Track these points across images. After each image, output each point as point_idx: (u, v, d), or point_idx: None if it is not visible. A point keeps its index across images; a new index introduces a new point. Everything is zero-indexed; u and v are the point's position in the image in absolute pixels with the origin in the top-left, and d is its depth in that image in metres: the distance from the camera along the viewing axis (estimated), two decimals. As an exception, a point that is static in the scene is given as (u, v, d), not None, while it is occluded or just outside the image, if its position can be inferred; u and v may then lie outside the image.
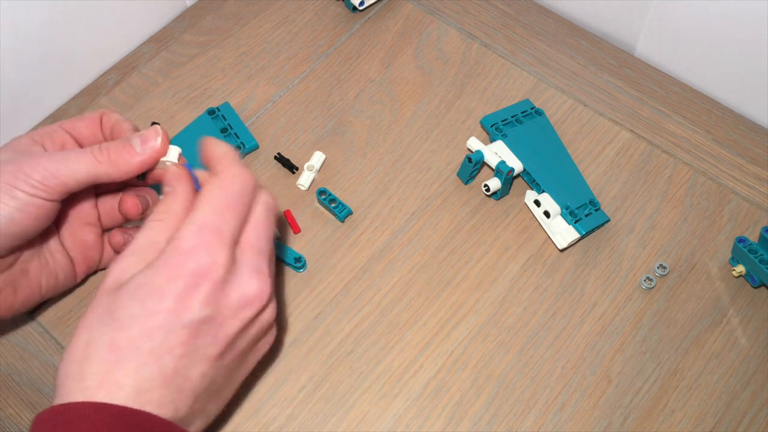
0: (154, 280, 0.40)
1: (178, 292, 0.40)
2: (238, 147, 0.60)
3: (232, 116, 0.62)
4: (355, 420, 0.52)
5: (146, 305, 0.39)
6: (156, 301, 0.39)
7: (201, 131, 0.61)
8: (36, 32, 0.60)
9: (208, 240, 0.41)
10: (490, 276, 0.57)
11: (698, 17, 0.62)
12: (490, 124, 0.61)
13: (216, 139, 0.46)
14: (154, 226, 0.43)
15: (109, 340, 0.39)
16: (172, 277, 0.40)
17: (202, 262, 0.40)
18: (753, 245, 0.54)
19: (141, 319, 0.39)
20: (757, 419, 0.51)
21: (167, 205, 0.44)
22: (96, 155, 0.45)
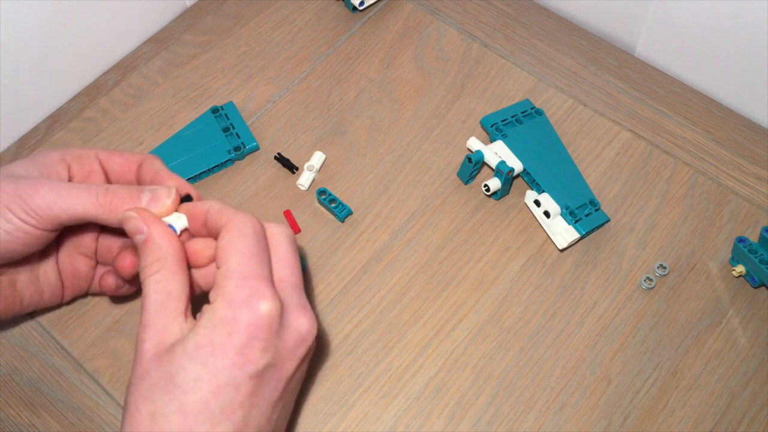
0: (213, 338, 0.39)
1: (239, 346, 0.39)
2: (239, 147, 0.61)
3: (236, 116, 0.62)
4: (355, 420, 0.52)
5: (209, 365, 0.39)
6: (219, 359, 0.39)
7: (203, 129, 0.62)
8: (36, 32, 0.60)
9: (256, 289, 0.40)
10: (490, 276, 0.57)
11: (698, 17, 0.62)
12: (490, 124, 0.61)
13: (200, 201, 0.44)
14: (157, 278, 0.41)
15: (177, 407, 0.38)
16: (230, 333, 0.39)
17: (257, 312, 0.39)
18: (753, 245, 0.54)
19: (206, 380, 0.38)
20: (757, 419, 0.51)
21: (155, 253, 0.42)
22: (99, 197, 0.44)
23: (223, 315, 0.39)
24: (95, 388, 0.53)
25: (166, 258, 0.42)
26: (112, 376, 0.53)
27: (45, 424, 0.52)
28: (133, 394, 0.39)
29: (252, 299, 0.40)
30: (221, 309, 0.40)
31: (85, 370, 0.54)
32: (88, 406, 0.52)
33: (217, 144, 0.61)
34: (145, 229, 0.42)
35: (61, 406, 0.52)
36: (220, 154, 0.60)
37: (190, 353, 0.39)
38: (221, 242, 0.41)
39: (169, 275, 0.41)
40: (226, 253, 0.41)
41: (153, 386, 0.39)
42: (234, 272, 0.40)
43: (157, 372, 0.39)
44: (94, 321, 0.55)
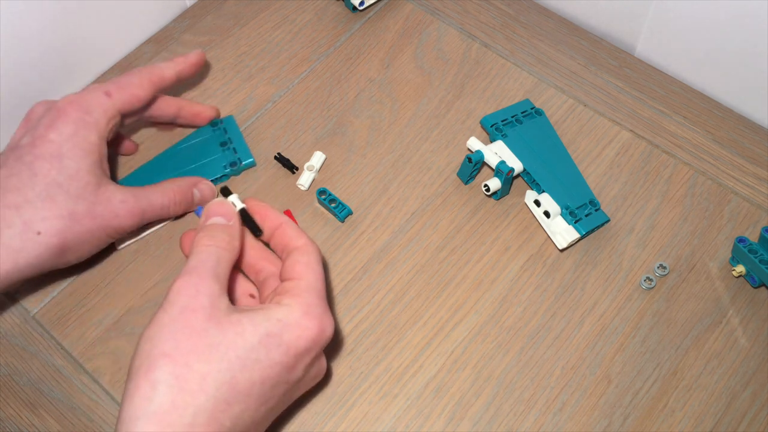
0: (284, 334, 0.41)
1: (299, 352, 0.41)
2: (235, 162, 0.60)
3: (234, 130, 0.62)
4: (355, 420, 0.52)
5: (272, 354, 0.40)
6: (281, 354, 0.41)
7: (201, 142, 0.62)
8: (36, 32, 0.60)
9: (328, 312, 0.43)
10: (490, 276, 0.57)
11: (698, 17, 0.62)
12: (490, 124, 0.61)
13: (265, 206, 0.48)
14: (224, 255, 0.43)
15: (231, 378, 0.39)
16: (299, 338, 0.41)
17: (325, 331, 0.43)
18: (753, 245, 0.54)
19: (263, 366, 0.40)
20: (757, 419, 0.51)
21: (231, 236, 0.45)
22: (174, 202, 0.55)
23: (299, 318, 0.42)
24: (95, 388, 0.53)
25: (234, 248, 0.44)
26: (113, 376, 0.53)
27: (45, 424, 0.52)
28: (182, 344, 0.39)
29: (324, 318, 0.43)
30: (299, 313, 0.42)
31: (85, 370, 0.54)
32: (88, 406, 0.52)
33: (214, 158, 0.60)
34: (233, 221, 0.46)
35: (61, 406, 0.52)
36: (216, 168, 0.60)
37: (260, 335, 0.40)
38: (301, 258, 0.44)
39: (229, 260, 0.44)
40: (307, 269, 0.44)
41: (211, 346, 0.39)
42: (314, 289, 0.43)
43: (218, 334, 0.39)
44: (94, 321, 0.55)
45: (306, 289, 0.43)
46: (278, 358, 0.40)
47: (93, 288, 0.56)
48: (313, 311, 0.42)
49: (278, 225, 0.47)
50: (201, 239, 0.44)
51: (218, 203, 0.46)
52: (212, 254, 0.42)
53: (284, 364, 0.41)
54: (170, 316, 0.40)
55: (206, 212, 0.46)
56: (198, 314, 0.39)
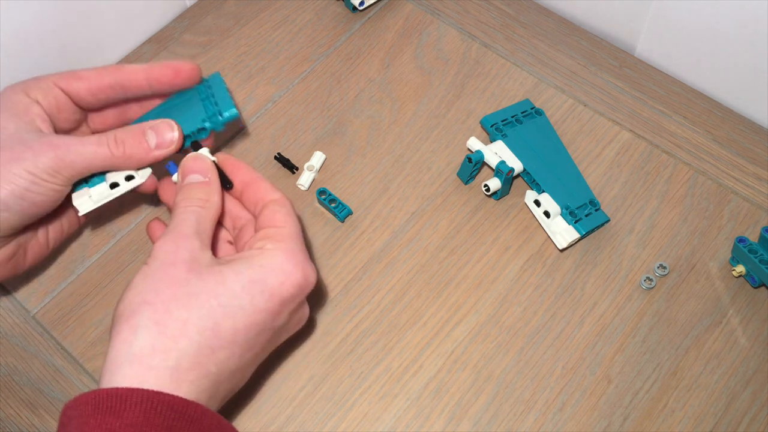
0: (268, 279, 0.41)
1: (284, 297, 0.41)
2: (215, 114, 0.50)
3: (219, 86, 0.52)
4: (355, 420, 0.52)
5: (255, 301, 0.40)
6: (265, 300, 0.41)
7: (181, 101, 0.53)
8: (36, 32, 0.60)
9: (307, 258, 0.43)
10: (490, 276, 0.57)
11: (698, 17, 0.62)
12: (490, 124, 0.61)
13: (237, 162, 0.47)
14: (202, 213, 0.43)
15: (213, 325, 0.39)
16: (283, 283, 0.41)
17: (308, 278, 0.43)
18: (753, 245, 0.54)
19: (247, 312, 0.40)
20: (757, 419, 0.51)
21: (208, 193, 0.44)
22: (112, 148, 0.46)
23: (282, 263, 0.42)
24: (95, 388, 0.53)
25: (213, 205, 0.44)
26: (112, 376, 0.53)
27: (45, 424, 0.52)
28: (163, 292, 0.39)
29: (307, 265, 0.43)
30: (282, 258, 0.42)
31: (85, 370, 0.54)
32: (88, 406, 0.52)
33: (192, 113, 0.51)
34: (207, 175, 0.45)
35: (61, 406, 0.52)
36: (194, 122, 0.50)
37: (242, 282, 0.40)
38: (280, 209, 0.44)
39: (210, 218, 0.44)
40: (287, 218, 0.44)
41: (192, 294, 0.39)
42: (296, 236, 0.43)
43: (200, 283, 0.40)
44: (94, 321, 0.55)
45: (288, 236, 0.43)
46: (263, 304, 0.41)
47: (93, 288, 0.56)
48: (296, 257, 0.42)
49: (251, 180, 0.46)
50: (180, 201, 0.44)
51: (192, 158, 0.46)
52: (191, 214, 0.43)
53: (269, 311, 0.41)
54: (152, 268, 0.41)
55: (181, 170, 0.46)
56: (178, 266, 0.40)
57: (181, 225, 0.42)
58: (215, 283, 0.40)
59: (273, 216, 0.44)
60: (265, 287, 0.41)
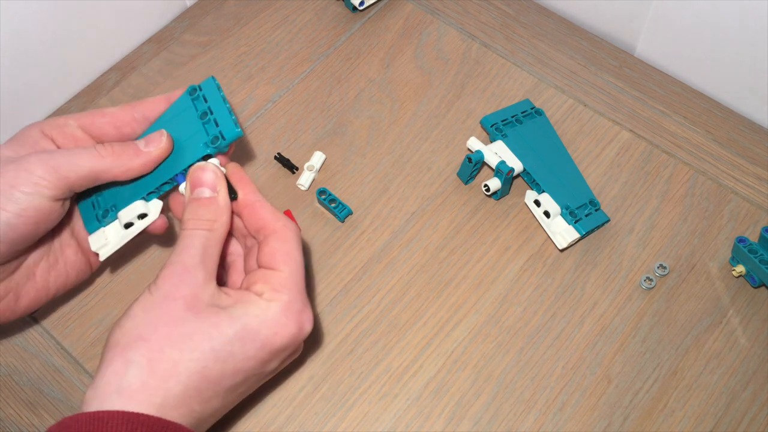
0: (261, 330, 0.41)
1: (275, 348, 0.42)
2: (217, 137, 0.46)
3: (215, 97, 0.48)
4: (355, 420, 0.52)
5: (246, 348, 0.40)
6: (256, 349, 0.41)
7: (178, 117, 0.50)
8: (36, 32, 0.60)
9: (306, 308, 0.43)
10: (490, 276, 0.57)
11: (698, 17, 0.62)
12: (490, 124, 0.61)
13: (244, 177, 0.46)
14: (209, 236, 0.43)
15: (202, 368, 0.39)
16: (276, 335, 0.41)
17: (302, 331, 0.43)
18: (753, 245, 0.54)
19: (236, 360, 0.40)
20: (757, 419, 0.51)
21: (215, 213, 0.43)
22: (99, 150, 0.44)
23: (277, 317, 0.41)
24: (95, 388, 0.53)
25: (221, 225, 0.43)
26: (112, 376, 0.53)
27: (45, 424, 0.52)
28: (159, 330, 0.39)
29: (303, 316, 0.42)
30: (276, 311, 0.42)
31: (85, 370, 0.54)
32: (88, 406, 0.52)
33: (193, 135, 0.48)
34: (216, 189, 0.44)
35: (61, 406, 0.52)
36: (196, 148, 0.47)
37: (236, 329, 0.40)
38: (280, 245, 0.43)
39: (217, 241, 0.43)
40: (287, 259, 0.43)
41: (186, 336, 0.39)
42: (293, 283, 0.43)
43: (195, 325, 0.40)
44: (94, 321, 0.55)
45: (285, 283, 0.42)
46: (253, 352, 0.41)
47: (93, 288, 0.56)
48: (292, 308, 0.42)
49: (252, 202, 0.45)
50: (186, 222, 0.43)
51: (200, 168, 0.45)
52: (197, 239, 0.42)
53: (259, 359, 0.41)
54: (153, 301, 0.40)
55: (189, 181, 0.45)
56: (178, 303, 0.40)
57: (187, 253, 0.42)
58: (211, 325, 0.40)
59: (273, 255, 0.43)
60: (257, 337, 0.41)
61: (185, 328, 0.40)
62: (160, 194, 0.48)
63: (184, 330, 0.40)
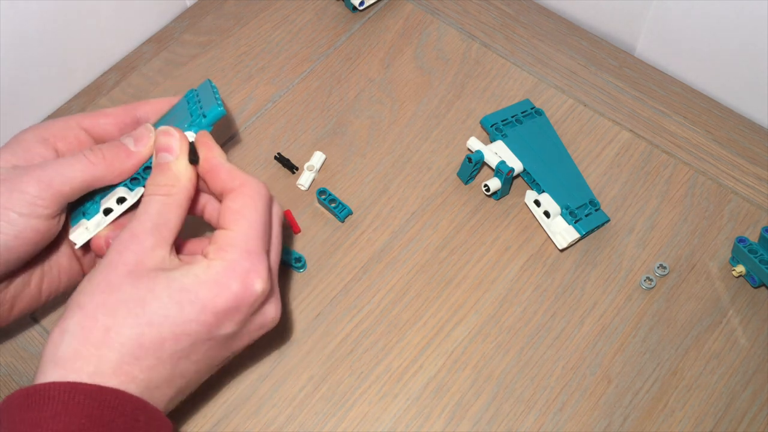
0: (199, 290, 0.39)
1: (218, 310, 0.40)
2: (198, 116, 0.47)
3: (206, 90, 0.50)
4: (355, 420, 0.52)
5: (184, 311, 0.39)
6: (196, 311, 0.39)
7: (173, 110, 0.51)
8: (36, 32, 0.60)
9: (256, 266, 0.41)
10: (490, 276, 0.57)
11: (698, 17, 0.62)
12: (490, 124, 0.61)
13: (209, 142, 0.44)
14: (165, 201, 0.42)
15: (137, 334, 0.38)
16: (218, 295, 0.40)
17: (250, 289, 0.40)
18: (753, 245, 0.54)
19: (174, 322, 0.39)
20: (757, 419, 0.51)
21: (173, 177, 0.42)
22: (90, 157, 0.44)
23: (218, 276, 0.40)
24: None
25: (180, 190, 0.42)
26: (112, 376, 0.53)
27: (45, 424, 0.52)
28: (95, 298, 0.39)
29: (250, 275, 0.40)
30: (218, 270, 0.40)
31: (85, 370, 0.54)
32: (88, 406, 0.52)
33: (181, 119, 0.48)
34: (175, 153, 0.43)
35: (61, 406, 0.52)
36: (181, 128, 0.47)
37: (172, 291, 0.39)
38: (232, 204, 0.42)
39: (175, 206, 0.42)
40: (236, 218, 0.41)
41: (120, 302, 0.39)
42: (241, 242, 0.41)
43: (131, 290, 0.39)
44: (94, 321, 0.55)
45: (232, 242, 0.41)
46: (192, 315, 0.39)
47: (93, 288, 0.56)
48: (236, 267, 0.40)
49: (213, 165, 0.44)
50: (146, 188, 0.43)
51: (161, 132, 0.44)
52: (152, 205, 0.42)
53: (201, 322, 0.39)
54: (96, 269, 0.40)
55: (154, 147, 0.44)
56: (118, 270, 0.40)
57: (139, 219, 0.41)
58: (146, 290, 0.39)
59: (224, 215, 0.42)
60: (196, 298, 0.39)
61: (121, 294, 0.39)
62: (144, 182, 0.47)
63: (120, 296, 0.39)
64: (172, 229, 0.42)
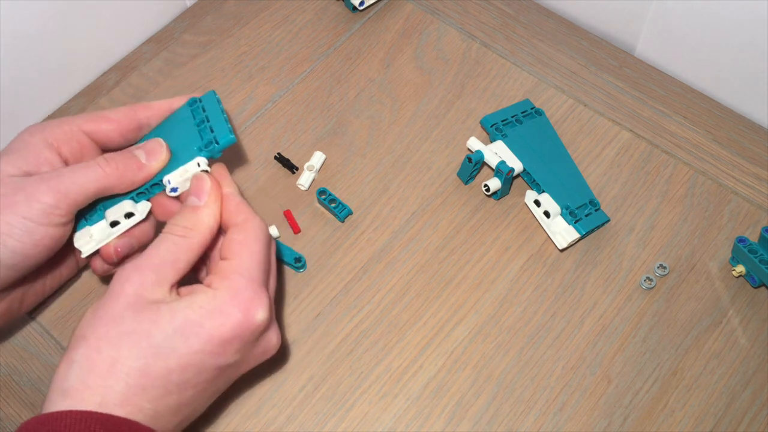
0: (204, 321, 0.40)
1: (223, 339, 0.40)
2: (211, 142, 0.48)
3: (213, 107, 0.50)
4: (355, 420, 0.52)
5: (189, 342, 0.40)
6: (202, 342, 0.40)
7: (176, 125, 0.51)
8: (36, 32, 0.60)
9: (259, 295, 0.42)
10: (490, 276, 0.57)
11: (698, 17, 0.62)
12: (490, 124, 0.61)
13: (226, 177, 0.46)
14: (178, 242, 0.42)
15: (143, 366, 0.39)
16: (222, 324, 0.40)
17: (253, 318, 0.41)
18: (753, 245, 0.54)
19: (180, 354, 0.40)
20: (757, 419, 0.51)
21: (194, 221, 0.43)
22: (103, 167, 0.45)
23: (222, 305, 0.41)
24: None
25: (196, 234, 0.43)
26: (112, 376, 0.53)
27: (45, 424, 0.52)
28: (98, 330, 0.40)
29: (253, 304, 0.41)
30: (222, 299, 0.41)
31: (85, 370, 0.54)
32: (88, 406, 0.52)
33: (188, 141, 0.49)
34: (204, 200, 0.44)
35: (61, 406, 0.52)
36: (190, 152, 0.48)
37: (176, 323, 0.40)
38: (236, 236, 0.43)
39: (186, 248, 0.42)
40: (240, 248, 0.42)
41: (124, 334, 0.39)
42: (245, 270, 0.42)
43: (134, 323, 0.40)
44: (94, 321, 0.55)
45: (235, 271, 0.42)
46: (198, 346, 0.40)
47: (93, 288, 0.56)
48: (239, 296, 0.41)
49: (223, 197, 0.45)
50: (166, 224, 0.44)
51: (197, 177, 0.45)
52: (164, 243, 0.42)
53: (207, 352, 0.40)
54: (101, 301, 0.41)
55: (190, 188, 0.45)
56: (120, 301, 0.40)
57: (147, 253, 0.42)
58: (150, 322, 0.40)
59: (228, 246, 0.43)
60: (201, 329, 0.40)
61: (124, 326, 0.39)
62: (149, 196, 0.48)
63: (123, 328, 0.39)
64: (178, 270, 0.42)
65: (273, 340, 0.44)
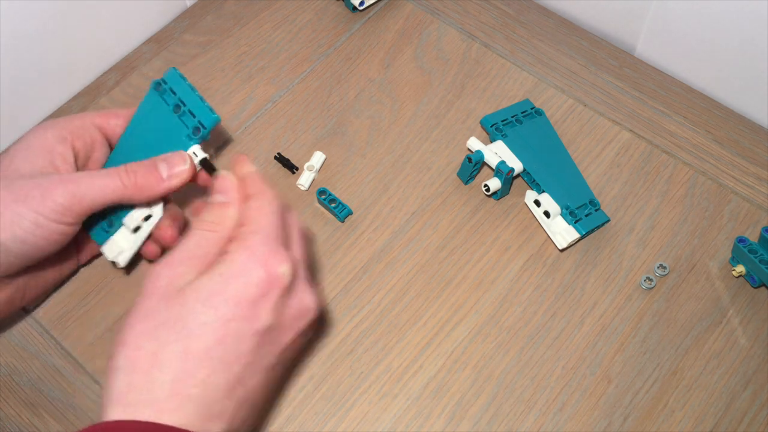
0: (228, 287, 0.40)
1: (251, 299, 0.40)
2: (198, 128, 0.48)
3: (182, 88, 0.48)
4: (355, 420, 0.52)
5: (220, 312, 0.40)
6: (231, 308, 0.40)
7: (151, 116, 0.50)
8: (36, 32, 0.60)
9: (277, 250, 0.42)
10: (490, 276, 0.57)
11: (698, 17, 0.62)
12: (490, 124, 0.61)
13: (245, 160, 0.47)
14: (207, 236, 0.43)
15: (182, 349, 0.39)
16: (246, 284, 0.40)
17: (275, 271, 0.41)
18: (753, 245, 0.54)
19: (215, 327, 0.39)
20: (757, 419, 0.51)
21: (221, 216, 0.44)
22: (123, 179, 0.46)
23: (241, 267, 0.41)
24: (95, 388, 0.53)
25: (225, 231, 0.44)
26: (112, 376, 0.53)
27: (45, 424, 0.52)
28: (135, 329, 0.40)
29: (272, 258, 0.41)
30: (241, 260, 0.41)
31: (85, 371, 0.54)
32: (88, 406, 0.52)
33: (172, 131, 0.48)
34: (230, 197, 0.45)
35: (61, 406, 0.52)
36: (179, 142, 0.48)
37: (202, 297, 0.40)
38: (253, 204, 0.44)
39: (216, 242, 0.43)
40: (257, 214, 0.43)
41: (159, 325, 0.40)
42: (261, 230, 0.42)
43: (167, 312, 0.40)
44: (94, 321, 0.55)
45: (251, 233, 0.42)
46: (229, 313, 0.40)
47: (93, 288, 0.56)
48: (256, 253, 0.41)
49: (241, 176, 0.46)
50: (193, 221, 0.45)
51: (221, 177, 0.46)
52: (193, 237, 0.43)
53: (239, 317, 0.40)
54: (135, 304, 0.41)
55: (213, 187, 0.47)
56: (153, 297, 0.41)
57: (177, 249, 0.43)
58: (179, 306, 0.40)
59: (244, 214, 0.44)
60: (227, 296, 0.40)
61: (159, 317, 0.40)
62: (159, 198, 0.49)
63: (158, 320, 0.40)
64: (208, 262, 0.42)
65: (306, 300, 0.43)
